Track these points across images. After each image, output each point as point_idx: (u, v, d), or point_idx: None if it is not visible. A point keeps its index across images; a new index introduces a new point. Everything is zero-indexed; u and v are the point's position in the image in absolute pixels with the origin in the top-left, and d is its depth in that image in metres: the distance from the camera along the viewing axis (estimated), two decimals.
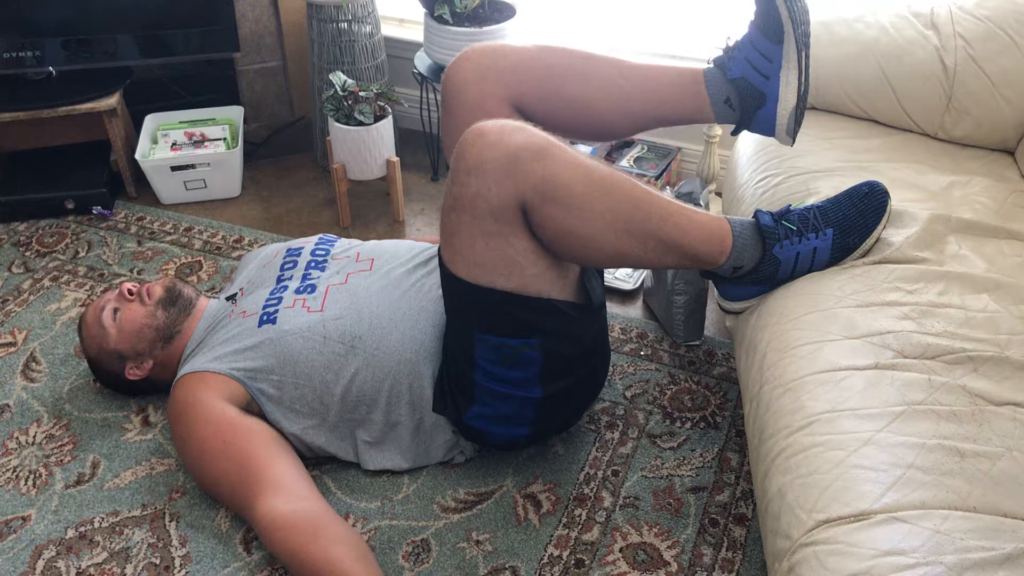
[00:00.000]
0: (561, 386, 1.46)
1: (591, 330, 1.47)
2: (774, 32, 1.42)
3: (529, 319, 1.37)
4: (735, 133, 1.54)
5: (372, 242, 1.71)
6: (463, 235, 1.31)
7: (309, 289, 1.58)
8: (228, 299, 1.67)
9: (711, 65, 1.49)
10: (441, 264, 1.39)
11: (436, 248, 1.62)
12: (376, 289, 1.55)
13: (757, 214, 1.42)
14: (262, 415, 1.49)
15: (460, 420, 1.48)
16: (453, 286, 1.38)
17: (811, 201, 1.46)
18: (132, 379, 1.64)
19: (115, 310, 1.62)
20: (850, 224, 1.39)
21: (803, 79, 1.43)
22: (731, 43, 1.49)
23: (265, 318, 1.53)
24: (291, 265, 1.66)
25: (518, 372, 1.41)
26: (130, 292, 1.64)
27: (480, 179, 1.26)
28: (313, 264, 1.65)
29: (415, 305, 1.53)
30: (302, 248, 1.71)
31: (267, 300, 1.57)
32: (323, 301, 1.54)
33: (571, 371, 1.46)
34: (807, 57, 1.42)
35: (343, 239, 1.76)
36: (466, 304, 1.38)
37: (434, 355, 1.50)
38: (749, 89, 1.46)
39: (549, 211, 1.27)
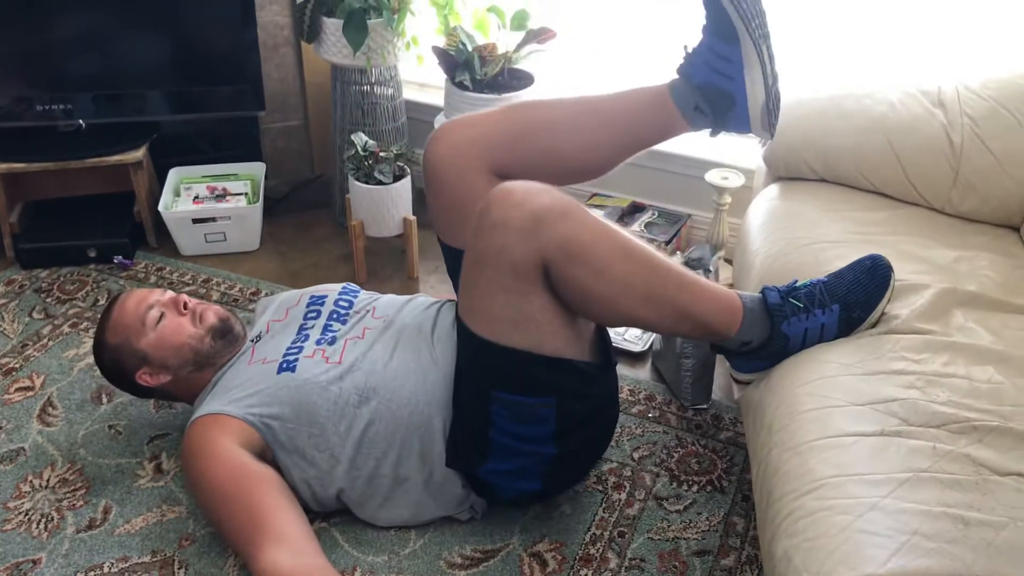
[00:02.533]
0: (574, 443, 1.48)
1: (604, 388, 1.50)
2: (728, 33, 1.46)
3: (546, 378, 1.39)
4: (713, 135, 1.59)
5: (388, 296, 1.72)
6: (483, 290, 1.35)
7: (329, 340, 1.59)
8: (252, 340, 1.68)
9: (676, 77, 1.54)
10: (458, 320, 1.42)
11: (446, 302, 1.65)
12: (392, 343, 1.57)
13: (764, 292, 1.45)
14: (273, 462, 1.51)
15: (474, 475, 1.50)
16: (470, 343, 1.40)
17: (816, 276, 1.48)
18: (139, 383, 1.62)
19: (161, 314, 1.61)
20: (854, 299, 1.41)
21: (768, 73, 1.47)
22: (689, 50, 1.54)
23: (284, 366, 1.54)
24: (314, 315, 1.66)
25: (533, 429, 1.43)
26: (185, 306, 1.64)
27: (505, 235, 1.30)
28: (335, 316, 1.65)
29: (427, 359, 1.55)
30: (325, 297, 1.71)
31: (288, 348, 1.58)
32: (342, 353, 1.56)
33: (584, 429, 1.48)
34: (768, 50, 1.46)
35: (364, 291, 1.76)
36: (483, 361, 1.41)
37: (445, 408, 1.51)
38: (716, 92, 1.50)
39: (571, 271, 1.32)
